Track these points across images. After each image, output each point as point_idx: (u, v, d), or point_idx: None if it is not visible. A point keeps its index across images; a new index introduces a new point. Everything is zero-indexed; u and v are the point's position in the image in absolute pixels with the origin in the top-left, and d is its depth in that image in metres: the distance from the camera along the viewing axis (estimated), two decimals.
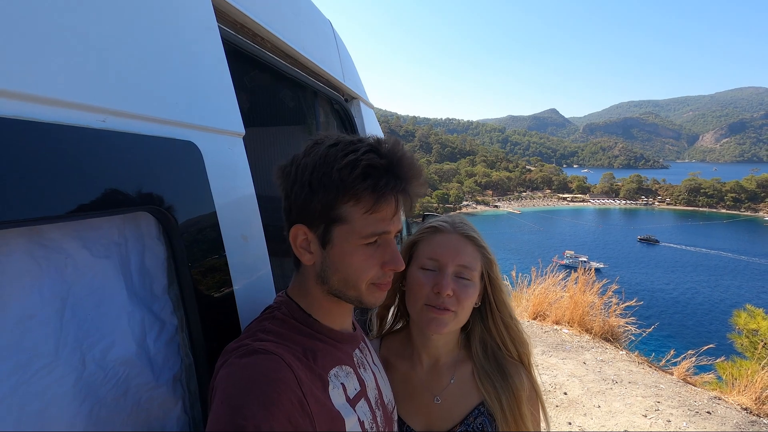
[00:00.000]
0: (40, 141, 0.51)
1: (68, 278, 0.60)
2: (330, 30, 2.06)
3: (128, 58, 0.67)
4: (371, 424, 0.83)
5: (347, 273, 0.79)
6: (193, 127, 0.81)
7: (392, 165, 0.75)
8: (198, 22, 0.89)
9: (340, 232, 0.77)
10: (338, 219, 0.76)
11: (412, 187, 0.78)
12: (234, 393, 0.65)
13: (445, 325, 1.02)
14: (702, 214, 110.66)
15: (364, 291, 0.81)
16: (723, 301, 42.23)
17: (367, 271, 0.79)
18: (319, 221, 0.78)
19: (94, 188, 0.58)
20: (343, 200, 0.75)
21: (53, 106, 0.54)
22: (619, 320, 5.56)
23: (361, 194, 0.74)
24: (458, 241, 1.06)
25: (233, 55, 1.16)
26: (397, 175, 0.75)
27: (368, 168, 0.73)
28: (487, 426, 1.04)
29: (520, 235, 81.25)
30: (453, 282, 1.02)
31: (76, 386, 0.59)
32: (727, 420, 3.64)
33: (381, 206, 0.75)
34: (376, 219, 0.76)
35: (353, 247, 0.78)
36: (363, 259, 0.78)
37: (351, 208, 0.75)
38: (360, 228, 0.76)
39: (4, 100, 0.49)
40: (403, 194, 0.77)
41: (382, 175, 0.74)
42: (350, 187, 0.73)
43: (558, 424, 3.59)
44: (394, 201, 0.77)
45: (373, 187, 0.73)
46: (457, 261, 1.04)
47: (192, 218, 0.77)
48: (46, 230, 0.58)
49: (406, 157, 0.77)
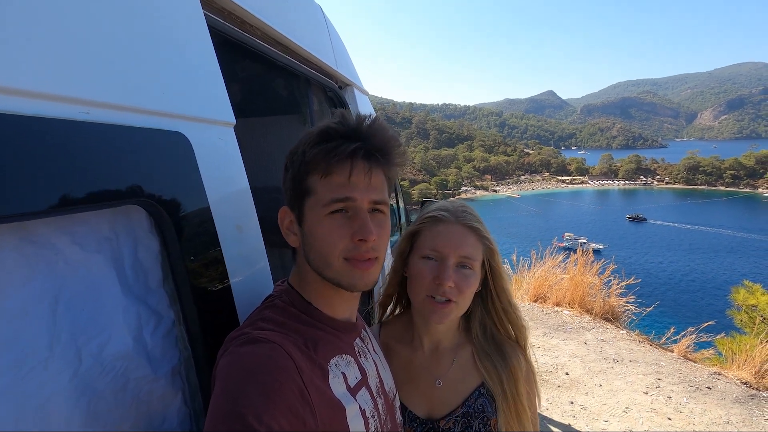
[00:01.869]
0: (20, 135, 0.50)
1: (59, 274, 0.59)
2: (321, 15, 2.03)
3: (110, 47, 0.65)
4: (372, 412, 0.83)
5: (318, 247, 0.78)
6: (182, 117, 0.80)
7: (351, 130, 0.75)
8: (182, 9, 0.87)
9: (308, 205, 0.78)
10: (305, 192, 0.78)
11: (380, 153, 0.77)
12: (234, 382, 0.64)
13: (447, 315, 1.04)
14: (701, 192, 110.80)
15: (338, 267, 0.78)
16: (719, 277, 42.63)
17: (335, 243, 0.77)
18: (295, 199, 0.80)
19: (80, 182, 0.57)
20: (307, 171, 0.77)
21: (31, 98, 0.52)
22: (620, 300, 5.61)
23: (316, 159, 0.75)
24: (460, 232, 1.06)
25: (222, 43, 1.14)
26: (355, 139, 0.74)
27: (321, 133, 0.75)
28: (486, 406, 1.06)
29: (520, 218, 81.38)
30: (454, 273, 1.03)
31: (73, 381, 0.59)
32: (726, 394, 3.69)
33: (334, 168, 0.75)
34: (334, 184, 0.75)
35: (319, 218, 0.77)
36: (330, 230, 0.76)
37: (311, 178, 0.77)
38: (321, 196, 0.76)
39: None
40: (366, 159, 0.76)
41: (335, 138, 0.74)
42: (308, 156, 0.75)
43: (560, 403, 3.64)
44: (350, 164, 0.75)
45: (326, 151, 0.74)
46: (458, 252, 1.04)
47: (184, 210, 0.76)
48: (34, 226, 0.57)
49: (375, 125, 0.77)
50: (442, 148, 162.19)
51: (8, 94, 0.50)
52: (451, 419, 1.05)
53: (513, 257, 6.72)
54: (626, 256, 48.66)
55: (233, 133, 0.98)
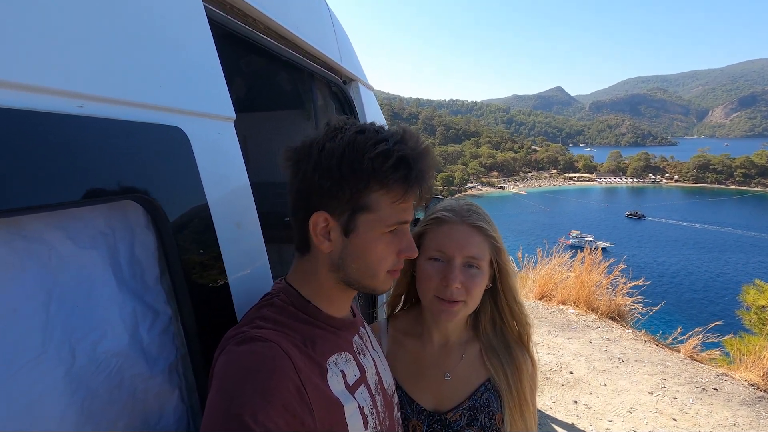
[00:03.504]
0: (11, 128, 0.49)
1: (52, 270, 0.58)
2: (326, 9, 2.00)
3: (105, 39, 0.64)
4: (371, 409, 0.83)
5: (368, 261, 0.80)
6: (180, 111, 0.78)
7: (419, 157, 0.77)
8: (182, 1, 0.85)
9: (365, 221, 0.77)
10: (365, 207, 0.77)
11: (428, 179, 0.80)
12: (230, 381, 0.64)
13: (455, 315, 1.05)
14: (711, 191, 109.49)
15: (382, 278, 0.83)
16: (728, 276, 42.22)
17: (386, 259, 0.81)
18: (345, 208, 0.77)
19: (73, 177, 0.56)
20: (374, 189, 0.75)
21: (23, 91, 0.51)
22: (626, 299, 5.56)
23: (393, 184, 0.75)
24: (465, 232, 1.06)
25: (224, 37, 1.13)
26: (421, 167, 0.77)
27: (401, 159, 0.75)
28: (492, 401, 1.07)
29: (526, 215, 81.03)
30: (461, 273, 1.03)
31: (66, 379, 0.58)
32: (734, 396, 3.65)
33: (409, 197, 0.78)
34: (402, 209, 0.79)
35: (377, 236, 0.79)
36: (384, 248, 0.80)
37: (380, 197, 0.76)
38: (386, 217, 0.78)
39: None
40: (424, 186, 0.79)
41: (413, 167, 0.76)
42: (383, 177, 0.74)
43: (563, 402, 3.62)
44: (419, 193, 0.79)
45: (405, 179, 0.75)
46: (464, 252, 1.04)
47: (181, 206, 0.75)
48: (26, 221, 0.56)
49: (428, 150, 0.79)
50: (449, 144, 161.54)
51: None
52: (457, 412, 1.06)
53: (518, 254, 6.69)
54: (631, 254, 48.44)
55: (233, 127, 0.97)
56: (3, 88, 0.49)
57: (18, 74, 0.51)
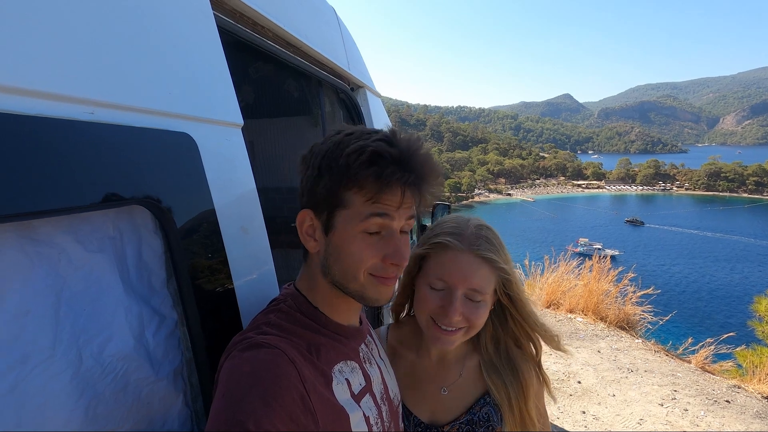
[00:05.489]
0: (23, 134, 0.50)
1: (62, 273, 0.59)
2: (334, 17, 2.03)
3: (116, 47, 0.65)
4: (376, 419, 0.82)
5: (346, 262, 0.77)
6: (188, 118, 0.80)
7: (403, 156, 0.73)
8: (192, 10, 0.87)
9: (342, 218, 0.76)
10: (341, 204, 0.75)
11: (424, 182, 0.75)
12: (234, 387, 0.64)
13: (452, 343, 1.00)
14: (722, 199, 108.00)
15: (364, 282, 0.78)
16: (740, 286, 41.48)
17: (365, 261, 0.76)
18: (324, 206, 0.77)
19: (84, 182, 0.57)
20: (347, 186, 0.74)
21: (36, 98, 0.53)
22: (635, 308, 5.48)
23: (364, 181, 0.72)
24: (471, 263, 0.97)
25: (233, 45, 1.14)
26: (406, 167, 0.73)
27: (374, 155, 0.72)
28: (492, 415, 1.03)
29: (534, 222, 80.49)
30: (462, 304, 0.97)
31: (73, 382, 0.59)
32: (746, 409, 3.57)
33: (384, 196, 0.73)
34: (378, 208, 0.74)
35: (353, 234, 0.76)
36: (363, 248, 0.76)
37: (354, 195, 0.74)
38: (360, 213, 0.75)
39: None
40: (412, 188, 0.75)
41: (389, 165, 0.72)
42: (354, 173, 0.72)
43: (571, 413, 3.57)
44: (400, 192, 0.74)
45: (377, 175, 0.71)
46: (467, 285, 0.97)
47: (188, 211, 0.76)
48: (37, 225, 0.57)
49: (422, 152, 0.75)
50: (456, 151, 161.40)
51: (11, 94, 0.50)
52: (455, 425, 1.04)
53: (526, 262, 6.63)
54: (640, 263, 47.86)
55: (241, 134, 0.98)
56: (15, 94, 0.51)
57: (30, 81, 0.52)
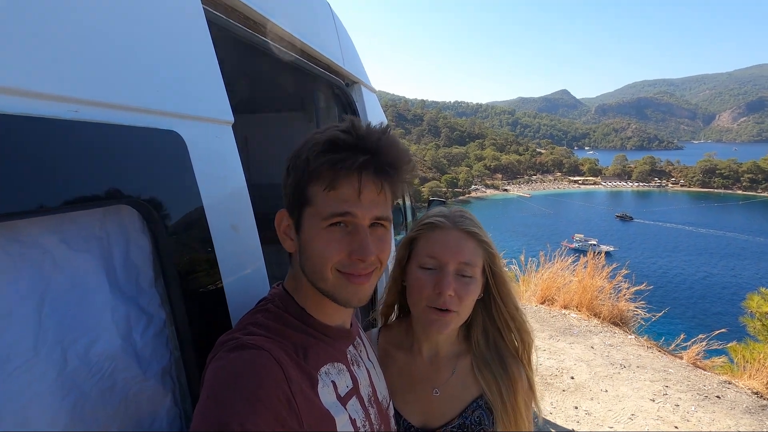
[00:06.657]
0: (5, 134, 0.49)
1: (46, 274, 0.58)
2: (328, 12, 2.01)
3: (102, 43, 0.64)
4: (364, 422, 0.81)
5: (313, 259, 0.76)
6: (177, 115, 0.79)
7: (360, 142, 0.71)
8: (180, 4, 0.86)
9: (307, 215, 0.76)
10: (306, 201, 0.75)
11: (388, 166, 0.72)
12: (220, 388, 0.63)
13: (447, 325, 1.02)
14: (717, 196, 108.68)
15: (331, 280, 0.75)
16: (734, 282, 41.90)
17: (329, 257, 0.74)
18: (294, 205, 0.77)
19: (68, 182, 0.56)
20: (309, 180, 0.73)
21: (16, 96, 0.52)
22: (629, 305, 5.52)
23: (320, 170, 0.71)
24: (458, 238, 1.03)
25: (225, 40, 1.13)
26: (365, 152, 0.70)
27: (328, 143, 0.70)
28: (484, 419, 1.03)
29: (530, 218, 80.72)
30: (454, 281, 1.00)
31: (58, 382, 0.58)
32: (736, 404, 3.61)
33: (339, 183, 0.71)
34: (336, 198, 0.72)
35: (317, 230, 0.74)
36: (325, 243, 0.74)
37: (313, 188, 0.74)
38: (321, 208, 0.73)
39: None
40: (375, 175, 0.72)
41: (342, 150, 0.70)
42: (311, 164, 0.72)
43: (564, 408, 3.60)
44: (357, 179, 0.71)
45: (331, 162, 0.70)
46: (457, 258, 1.01)
47: (176, 210, 0.75)
48: (21, 226, 0.56)
49: (384, 138, 0.73)
50: (453, 146, 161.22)
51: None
52: (446, 430, 1.03)
53: (521, 258, 6.65)
54: (634, 259, 48.22)
55: (231, 131, 0.97)
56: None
57: (12, 79, 0.51)
